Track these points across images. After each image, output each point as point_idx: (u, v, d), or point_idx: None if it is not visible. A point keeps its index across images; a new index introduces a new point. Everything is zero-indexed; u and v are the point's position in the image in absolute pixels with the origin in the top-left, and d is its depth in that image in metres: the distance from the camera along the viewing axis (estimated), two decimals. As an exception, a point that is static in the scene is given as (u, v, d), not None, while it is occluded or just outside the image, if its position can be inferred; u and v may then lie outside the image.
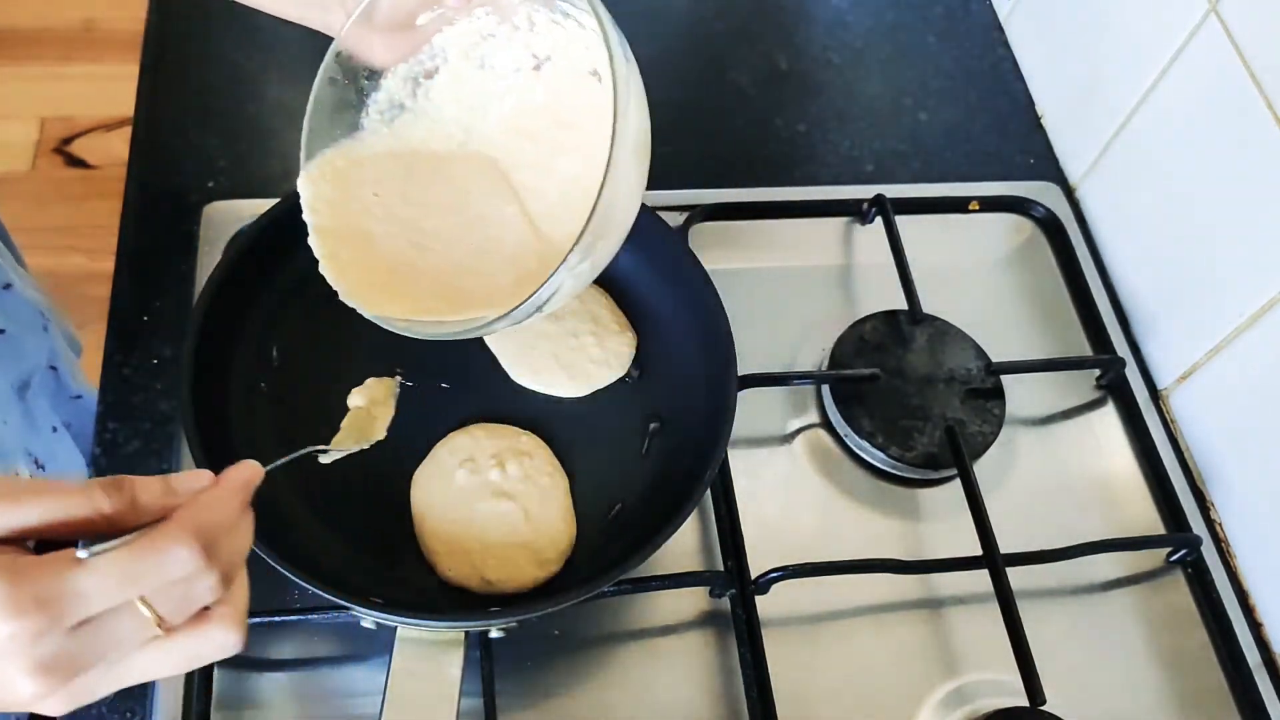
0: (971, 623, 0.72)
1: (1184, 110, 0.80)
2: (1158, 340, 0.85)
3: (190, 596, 0.40)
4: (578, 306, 0.75)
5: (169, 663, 0.41)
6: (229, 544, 0.42)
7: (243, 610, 0.43)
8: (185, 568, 0.40)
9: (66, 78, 2.09)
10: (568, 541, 0.67)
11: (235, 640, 0.42)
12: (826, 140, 0.94)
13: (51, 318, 0.93)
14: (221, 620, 0.42)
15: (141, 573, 0.39)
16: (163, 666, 0.41)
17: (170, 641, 0.41)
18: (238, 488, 0.44)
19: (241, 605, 0.43)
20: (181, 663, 0.41)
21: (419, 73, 0.64)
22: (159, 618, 0.40)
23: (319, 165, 0.62)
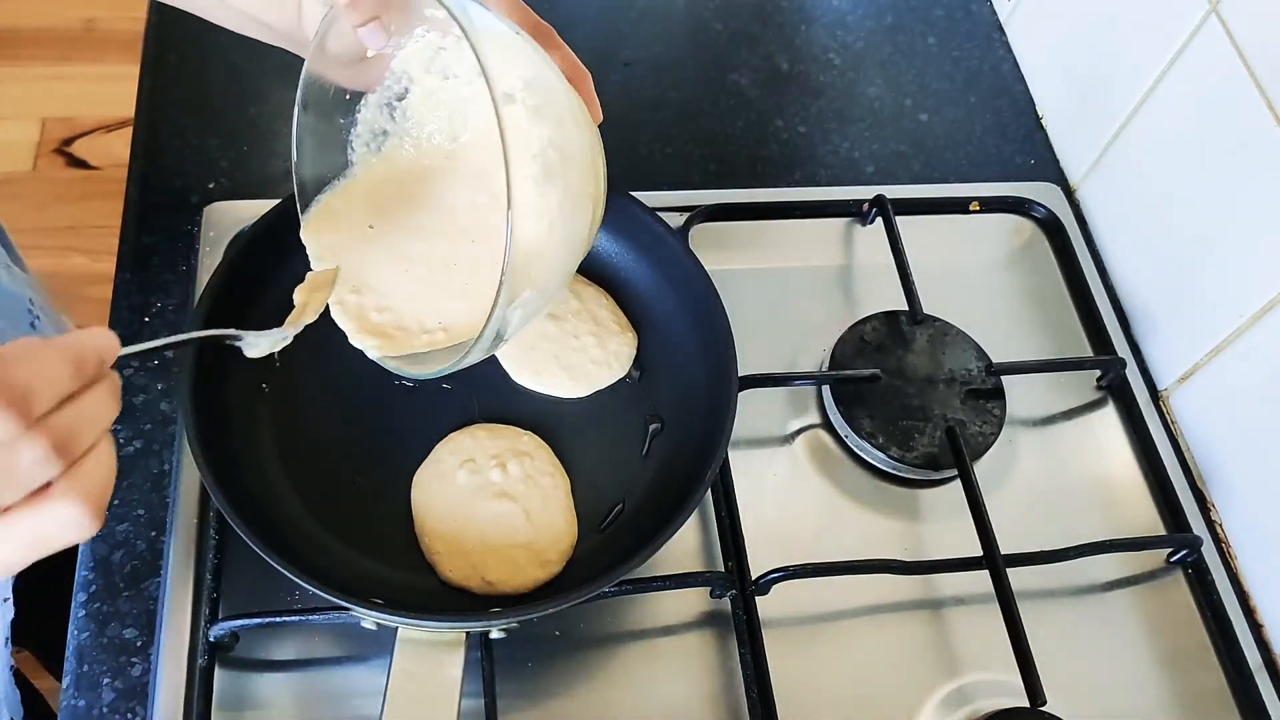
0: (972, 623, 0.72)
1: (1184, 110, 0.80)
2: (1158, 340, 0.85)
3: (16, 470, 0.37)
4: (579, 307, 0.75)
5: (11, 545, 0.39)
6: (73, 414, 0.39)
7: (94, 487, 0.40)
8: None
9: (67, 78, 2.09)
10: (569, 542, 0.67)
11: (78, 515, 0.39)
12: (827, 141, 0.94)
13: (43, 314, 0.93)
14: (65, 496, 0.39)
15: None
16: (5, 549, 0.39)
17: (6, 522, 0.38)
18: (69, 345, 0.40)
19: (93, 482, 0.40)
20: (25, 545, 0.39)
21: (390, 97, 0.64)
22: None
23: (316, 214, 0.63)
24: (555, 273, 0.56)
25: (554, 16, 0.98)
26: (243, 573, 0.67)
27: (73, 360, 0.40)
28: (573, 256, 0.58)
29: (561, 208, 0.54)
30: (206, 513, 0.69)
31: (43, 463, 0.38)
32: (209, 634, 0.64)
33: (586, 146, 0.57)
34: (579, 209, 0.56)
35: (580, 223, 0.57)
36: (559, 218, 0.54)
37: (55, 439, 0.38)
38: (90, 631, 0.66)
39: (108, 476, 0.41)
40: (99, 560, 0.68)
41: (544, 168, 0.52)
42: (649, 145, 0.92)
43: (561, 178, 0.53)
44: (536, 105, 0.52)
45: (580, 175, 0.56)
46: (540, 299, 0.56)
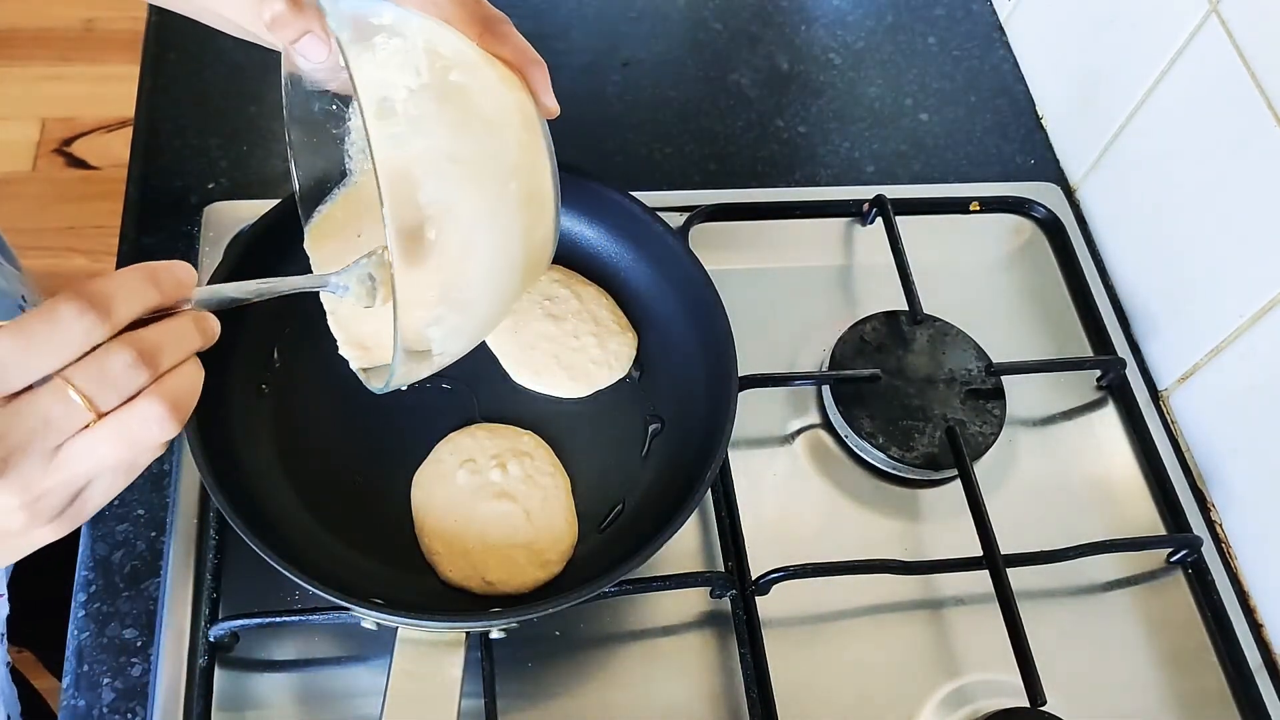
0: (972, 623, 0.72)
1: (1184, 110, 0.80)
2: (1158, 340, 0.85)
3: (112, 374, 0.41)
4: (579, 307, 0.75)
5: (109, 446, 0.42)
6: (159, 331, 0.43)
7: (178, 392, 0.43)
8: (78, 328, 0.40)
9: (67, 78, 2.09)
10: (569, 542, 0.67)
11: (162, 415, 0.42)
12: (827, 141, 0.94)
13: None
14: (149, 397, 0.42)
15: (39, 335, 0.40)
16: (103, 449, 0.42)
17: (104, 425, 0.42)
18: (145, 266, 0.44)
19: (177, 388, 0.43)
20: (122, 447, 0.42)
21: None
22: (86, 398, 0.41)
23: (319, 223, 0.63)
24: (483, 285, 0.53)
25: (554, 16, 0.99)
26: (243, 573, 0.67)
27: (148, 276, 0.44)
28: (500, 265, 0.54)
29: (470, 220, 0.51)
30: (206, 513, 0.69)
31: (132, 368, 0.42)
32: (209, 634, 0.64)
33: (511, 147, 0.53)
34: (497, 215, 0.52)
35: (508, 229, 0.53)
36: (469, 230, 0.51)
37: (142, 349, 0.42)
38: (90, 631, 0.66)
39: (192, 387, 0.45)
40: (99, 560, 0.68)
41: (436, 179, 0.50)
42: (649, 145, 0.92)
43: (462, 188, 0.50)
44: (422, 115, 0.49)
45: (500, 180, 0.52)
46: (468, 317, 0.54)
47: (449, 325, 0.53)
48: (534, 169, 0.54)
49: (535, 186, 0.54)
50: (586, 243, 0.78)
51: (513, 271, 0.55)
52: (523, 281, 0.57)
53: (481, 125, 0.52)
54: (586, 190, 0.75)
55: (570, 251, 0.78)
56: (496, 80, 0.54)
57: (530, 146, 0.54)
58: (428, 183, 0.49)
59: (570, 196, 0.76)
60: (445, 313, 0.52)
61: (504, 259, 0.54)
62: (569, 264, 0.77)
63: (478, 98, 0.52)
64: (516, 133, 0.53)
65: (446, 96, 0.51)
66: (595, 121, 0.93)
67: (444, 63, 0.51)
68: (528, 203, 0.54)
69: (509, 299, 0.57)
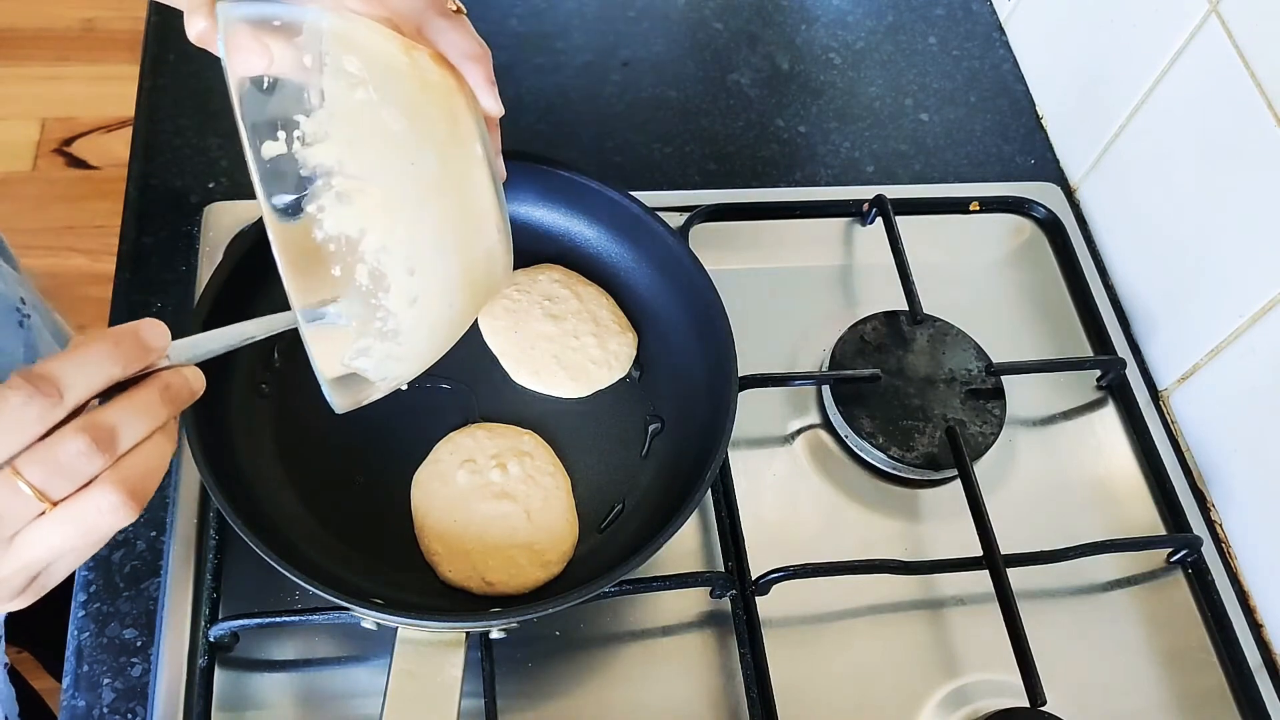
0: (972, 623, 0.72)
1: (1184, 111, 0.80)
2: (1158, 341, 0.85)
3: (63, 462, 0.40)
4: (579, 307, 0.75)
5: (62, 536, 0.41)
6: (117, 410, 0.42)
7: (133, 477, 0.42)
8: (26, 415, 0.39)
9: (66, 78, 2.09)
10: (570, 542, 0.67)
11: (117, 504, 0.41)
12: (827, 141, 0.94)
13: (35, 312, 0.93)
14: (103, 485, 0.41)
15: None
16: (57, 540, 0.41)
17: (56, 514, 0.41)
18: (110, 332, 0.43)
19: (133, 473, 0.42)
20: (75, 535, 0.41)
21: None
22: (36, 489, 0.40)
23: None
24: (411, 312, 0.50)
25: (554, 16, 0.99)
26: (243, 573, 0.67)
27: (109, 349, 0.42)
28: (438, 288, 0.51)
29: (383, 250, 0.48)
30: (206, 513, 0.69)
31: (86, 455, 0.40)
32: (209, 634, 0.64)
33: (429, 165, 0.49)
34: (425, 241, 0.49)
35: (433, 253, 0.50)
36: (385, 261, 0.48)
37: (96, 433, 0.41)
38: (90, 631, 0.66)
39: (150, 468, 0.43)
40: (99, 560, 0.68)
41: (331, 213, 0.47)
42: (649, 145, 0.92)
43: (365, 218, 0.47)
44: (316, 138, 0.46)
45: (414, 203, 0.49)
46: (402, 344, 0.51)
47: (379, 354, 0.51)
48: (463, 184, 0.51)
49: (466, 202, 0.51)
50: (586, 243, 0.78)
51: (448, 292, 0.52)
52: (470, 299, 0.54)
53: (387, 143, 0.48)
54: (587, 190, 0.75)
55: (570, 251, 0.78)
56: (417, 90, 0.50)
57: (457, 159, 0.51)
58: (324, 216, 0.46)
59: (571, 197, 0.76)
60: (370, 344, 0.50)
61: (433, 283, 0.51)
62: (569, 264, 0.77)
63: (387, 114, 0.48)
64: (440, 148, 0.50)
65: (348, 116, 0.47)
66: (595, 121, 0.93)
67: (350, 79, 0.47)
68: (458, 220, 0.51)
69: (455, 318, 0.54)
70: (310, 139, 0.46)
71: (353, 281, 0.48)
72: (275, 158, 0.46)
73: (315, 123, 0.46)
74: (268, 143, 0.46)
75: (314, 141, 0.46)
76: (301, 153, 0.46)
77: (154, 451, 0.43)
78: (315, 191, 0.47)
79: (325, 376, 0.50)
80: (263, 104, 0.48)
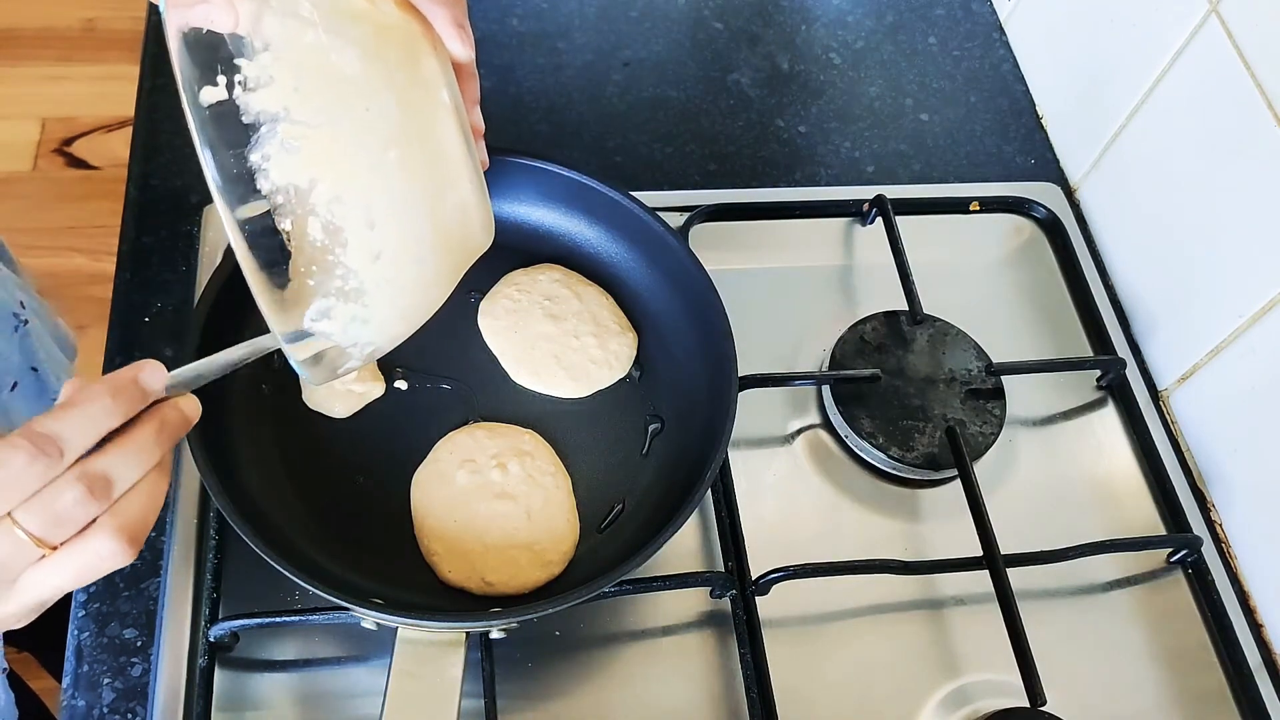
0: (972, 623, 0.72)
1: (1184, 110, 0.80)
2: (1158, 341, 0.85)
3: (60, 512, 0.42)
4: (579, 307, 0.75)
5: (60, 577, 0.43)
6: (112, 456, 0.43)
7: (130, 521, 0.43)
8: (28, 475, 0.41)
9: (67, 78, 2.09)
10: (571, 542, 0.67)
11: (115, 549, 0.43)
12: (827, 141, 0.94)
13: (35, 315, 0.93)
14: (100, 531, 0.42)
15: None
16: (55, 581, 0.43)
17: (56, 558, 0.42)
18: (107, 381, 0.43)
19: (128, 516, 0.43)
20: (72, 577, 0.43)
21: None
22: (35, 537, 0.41)
23: None
24: (374, 270, 0.48)
25: (555, 16, 0.99)
26: (243, 573, 0.67)
27: (107, 401, 0.43)
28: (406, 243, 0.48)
29: (335, 200, 0.45)
30: (206, 513, 0.69)
31: (82, 504, 0.42)
32: (209, 634, 0.64)
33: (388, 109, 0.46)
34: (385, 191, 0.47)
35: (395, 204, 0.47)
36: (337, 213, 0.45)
37: (92, 482, 0.42)
38: (90, 631, 0.66)
39: (146, 508, 0.45)
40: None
41: (277, 163, 0.44)
42: (649, 145, 0.92)
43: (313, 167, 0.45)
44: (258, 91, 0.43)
45: (371, 149, 0.46)
46: (368, 304, 0.48)
47: (343, 315, 0.48)
48: (427, 132, 0.48)
49: (431, 151, 0.48)
50: (587, 243, 0.78)
51: (416, 249, 0.49)
52: (445, 257, 0.51)
53: (338, 89, 0.45)
54: (587, 190, 0.75)
55: (570, 251, 0.78)
56: (372, 33, 0.47)
57: (420, 107, 0.48)
58: (268, 166, 0.44)
59: (571, 197, 0.76)
60: (332, 304, 0.47)
61: (397, 237, 0.48)
62: (569, 264, 0.78)
63: (338, 58, 0.45)
64: (399, 92, 0.47)
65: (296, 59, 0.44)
66: (596, 121, 0.93)
67: (300, 21, 0.45)
68: (422, 171, 0.48)
69: (427, 278, 0.51)
70: (253, 84, 0.43)
71: (305, 236, 0.45)
72: (215, 104, 0.43)
73: (258, 67, 0.44)
74: (206, 88, 0.43)
75: (257, 86, 0.43)
76: (243, 98, 0.43)
77: (150, 491, 0.45)
78: (260, 140, 0.44)
79: (294, 356, 0.48)
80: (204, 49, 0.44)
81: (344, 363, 0.51)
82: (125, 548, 0.43)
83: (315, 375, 0.50)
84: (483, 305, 0.75)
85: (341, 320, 0.48)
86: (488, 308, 0.75)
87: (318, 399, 0.70)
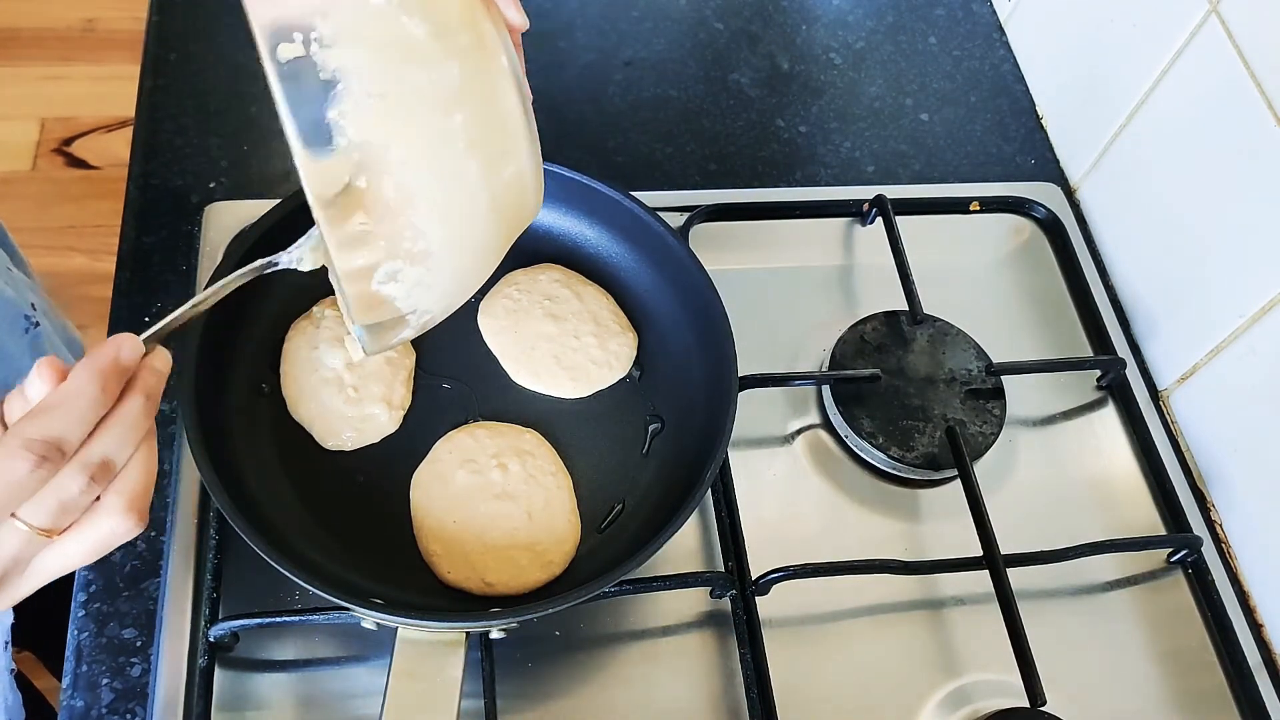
0: (972, 623, 0.72)
1: (1184, 110, 0.80)
2: (1158, 341, 0.85)
3: (64, 500, 0.42)
4: (579, 307, 0.75)
5: (72, 557, 0.44)
6: (107, 439, 0.43)
7: (133, 494, 0.44)
8: (32, 480, 0.41)
9: (67, 78, 2.09)
10: (572, 543, 0.67)
11: (125, 525, 0.44)
12: (827, 141, 0.94)
13: (45, 319, 0.93)
14: (108, 511, 0.43)
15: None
16: (66, 562, 0.44)
17: (65, 540, 0.43)
18: (88, 372, 0.44)
19: (131, 490, 0.44)
20: (82, 556, 0.44)
21: None
22: (43, 530, 0.42)
23: None
24: (440, 232, 0.48)
25: (555, 17, 0.99)
26: (243, 573, 0.67)
27: (98, 385, 0.44)
28: (467, 208, 0.49)
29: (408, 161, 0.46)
30: (206, 513, 0.69)
31: (88, 490, 0.43)
32: (209, 634, 0.64)
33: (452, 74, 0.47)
34: (450, 154, 0.47)
35: (458, 168, 0.48)
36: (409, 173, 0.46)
37: (93, 470, 0.43)
38: (90, 631, 0.66)
39: (146, 480, 0.45)
40: (99, 560, 0.68)
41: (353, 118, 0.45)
42: (649, 145, 0.92)
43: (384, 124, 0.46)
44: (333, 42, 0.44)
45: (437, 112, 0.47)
46: (432, 269, 0.49)
47: (410, 279, 0.49)
48: (489, 96, 0.48)
49: (492, 116, 0.49)
50: (587, 243, 0.78)
51: (477, 214, 0.50)
52: (501, 224, 0.52)
53: (408, 50, 0.46)
54: (587, 190, 0.75)
55: (571, 251, 0.78)
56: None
57: (482, 71, 0.48)
58: (347, 124, 0.45)
59: (571, 197, 0.76)
60: (400, 266, 0.48)
61: (461, 201, 0.49)
62: (569, 264, 0.78)
63: (406, 19, 0.46)
64: (464, 57, 0.47)
65: (364, 21, 0.45)
66: (597, 120, 0.93)
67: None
68: (484, 136, 0.48)
69: (486, 245, 0.52)
70: (329, 41, 0.45)
71: (379, 192, 0.46)
72: (292, 59, 0.44)
73: (334, 24, 0.45)
74: (283, 44, 0.44)
75: (333, 44, 0.45)
76: (320, 55, 0.44)
77: (144, 459, 0.45)
78: (337, 96, 0.45)
79: (362, 303, 0.48)
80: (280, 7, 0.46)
81: (399, 332, 0.52)
82: (135, 521, 0.44)
83: (371, 343, 0.51)
84: (482, 305, 0.75)
85: (408, 283, 0.49)
86: (487, 307, 0.75)
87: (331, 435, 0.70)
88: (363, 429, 0.69)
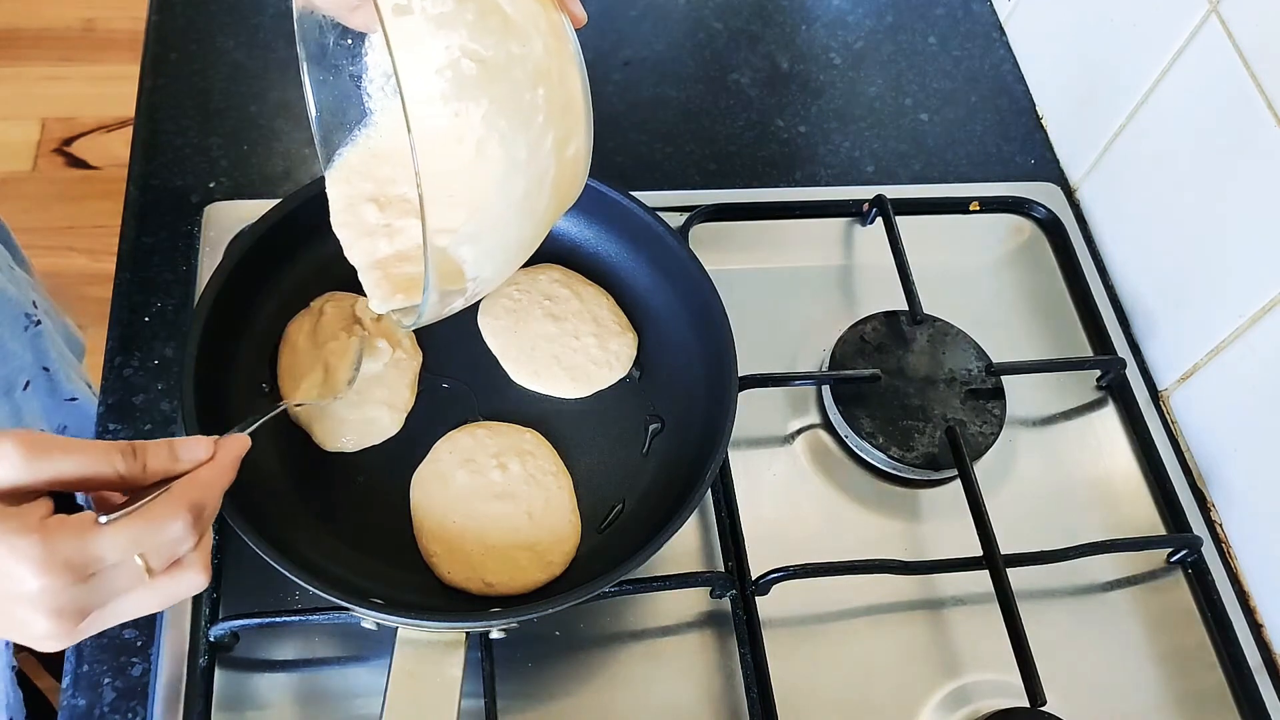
0: (972, 623, 0.72)
1: (1184, 110, 0.80)
2: (1158, 341, 0.85)
3: (175, 551, 0.47)
4: (579, 307, 0.75)
5: (151, 602, 0.47)
6: (206, 489, 0.49)
7: (208, 552, 0.49)
8: (178, 534, 0.46)
9: (67, 78, 2.09)
10: (573, 543, 0.67)
11: (201, 580, 0.48)
12: (827, 140, 0.94)
13: (46, 317, 0.93)
14: (193, 565, 0.48)
15: (145, 537, 0.45)
16: (146, 605, 0.47)
17: (154, 584, 0.47)
18: (228, 465, 0.51)
19: (207, 548, 0.49)
20: (159, 602, 0.47)
21: None
22: (150, 569, 0.46)
23: (339, 167, 0.62)
24: (504, 198, 0.50)
25: (554, 16, 0.99)
26: (243, 573, 0.67)
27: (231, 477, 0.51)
28: (530, 176, 0.51)
29: (491, 123, 0.48)
30: (207, 513, 0.69)
31: (184, 539, 0.47)
32: (209, 634, 0.64)
33: (538, 51, 0.49)
34: (523, 121, 0.49)
35: (539, 139, 0.50)
36: (490, 135, 0.48)
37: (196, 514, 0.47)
38: (90, 631, 0.66)
39: (211, 540, 0.52)
40: (99, 560, 0.68)
41: (455, 81, 0.47)
42: (649, 145, 0.92)
43: (484, 89, 0.47)
44: (441, 13, 0.47)
45: (519, 85, 0.49)
46: (492, 231, 0.51)
47: (482, 246, 0.51)
48: (563, 77, 0.51)
49: (565, 96, 0.51)
50: (587, 243, 0.78)
51: (544, 186, 0.52)
52: (555, 203, 0.54)
53: (503, 25, 0.49)
54: (587, 191, 0.74)
55: (571, 252, 0.78)
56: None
57: (559, 53, 0.51)
58: (448, 85, 0.47)
59: (570, 197, 0.76)
60: (476, 230, 0.50)
61: (538, 172, 0.51)
62: (569, 264, 0.78)
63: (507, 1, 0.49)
64: (544, 38, 0.50)
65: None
66: (596, 120, 0.92)
67: None
68: (559, 112, 0.51)
69: (542, 220, 0.54)
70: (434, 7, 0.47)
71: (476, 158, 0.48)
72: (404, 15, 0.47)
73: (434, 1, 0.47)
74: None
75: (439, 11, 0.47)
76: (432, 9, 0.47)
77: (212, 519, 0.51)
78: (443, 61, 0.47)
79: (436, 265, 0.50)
80: None
81: (452, 303, 0.54)
82: (208, 577, 0.48)
83: (430, 310, 0.53)
84: (483, 305, 0.75)
85: (479, 249, 0.51)
86: (487, 307, 0.75)
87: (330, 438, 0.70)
88: (364, 432, 0.69)
